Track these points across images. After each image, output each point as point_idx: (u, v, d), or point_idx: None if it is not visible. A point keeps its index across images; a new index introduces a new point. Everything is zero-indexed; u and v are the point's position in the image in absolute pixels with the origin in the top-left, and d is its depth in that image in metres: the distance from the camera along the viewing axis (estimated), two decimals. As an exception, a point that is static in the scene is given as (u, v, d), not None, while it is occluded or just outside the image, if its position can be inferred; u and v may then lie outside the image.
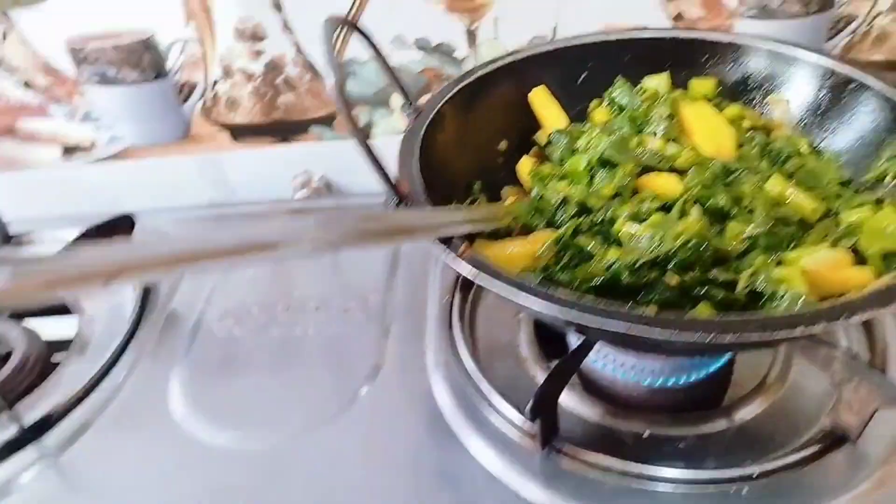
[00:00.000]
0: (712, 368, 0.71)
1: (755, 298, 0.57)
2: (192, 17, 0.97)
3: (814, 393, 0.69)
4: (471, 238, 0.65)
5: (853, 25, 0.99)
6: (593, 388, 0.75)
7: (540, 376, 0.74)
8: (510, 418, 0.68)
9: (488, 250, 0.65)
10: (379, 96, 1.04)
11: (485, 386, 0.71)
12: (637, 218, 0.62)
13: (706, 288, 0.57)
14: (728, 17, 0.97)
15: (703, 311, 0.57)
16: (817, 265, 0.57)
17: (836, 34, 1.00)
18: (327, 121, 1.07)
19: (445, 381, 0.73)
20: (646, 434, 0.69)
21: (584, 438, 0.68)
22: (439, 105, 0.73)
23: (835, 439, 0.64)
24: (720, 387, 0.74)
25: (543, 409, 0.61)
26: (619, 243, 0.62)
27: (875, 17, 0.98)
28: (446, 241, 0.56)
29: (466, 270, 0.54)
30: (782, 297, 0.55)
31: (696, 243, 0.58)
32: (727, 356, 0.70)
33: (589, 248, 0.62)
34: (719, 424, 0.69)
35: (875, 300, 0.47)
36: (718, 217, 0.62)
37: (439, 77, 1.03)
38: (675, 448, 0.67)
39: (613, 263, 0.59)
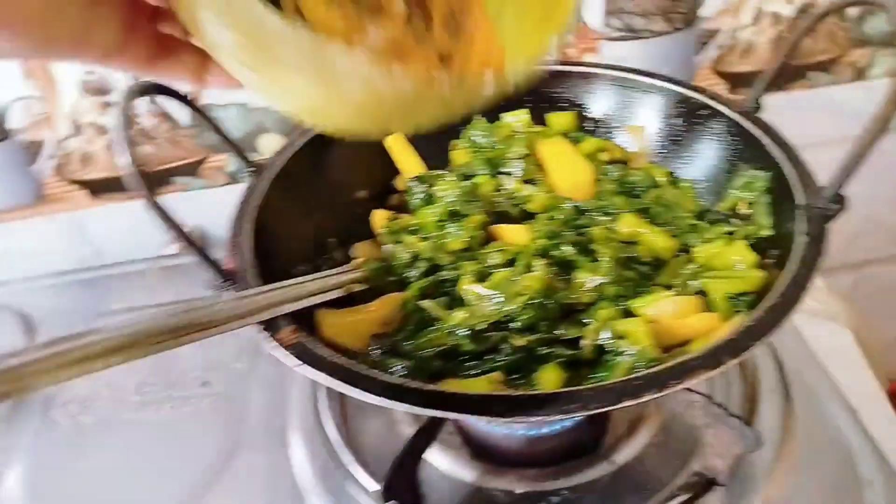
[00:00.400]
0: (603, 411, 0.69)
1: (603, 353, 0.55)
2: (31, 75, 0.90)
3: (687, 430, 0.67)
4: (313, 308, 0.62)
5: (719, 39, 0.99)
6: (472, 443, 0.71)
7: (412, 439, 0.70)
8: (373, 492, 0.64)
9: (332, 319, 0.61)
10: (245, 142, 0.99)
11: (347, 457, 0.67)
12: (482, 276, 0.58)
13: (551, 348, 0.55)
14: (594, 40, 0.96)
15: (548, 373, 0.54)
16: (661, 315, 0.54)
17: (704, 49, 1.00)
18: (192, 168, 1.01)
19: (307, 454, 0.69)
20: (519, 491, 0.66)
21: (454, 503, 0.65)
22: (281, 162, 0.68)
23: (705, 483, 0.62)
24: (600, 426, 0.72)
25: (398, 487, 0.57)
26: (465, 304, 0.58)
27: (739, 31, 0.98)
28: (269, 325, 0.52)
29: (287, 360, 0.50)
30: (624, 352, 0.53)
31: (538, 302, 0.55)
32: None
33: (433, 313, 0.58)
34: (599, 469, 0.67)
35: (702, 363, 0.45)
36: (565, 267, 0.60)
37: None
38: (549, 503, 0.64)
39: (456, 328, 0.56)
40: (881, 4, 0.52)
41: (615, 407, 0.44)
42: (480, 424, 0.69)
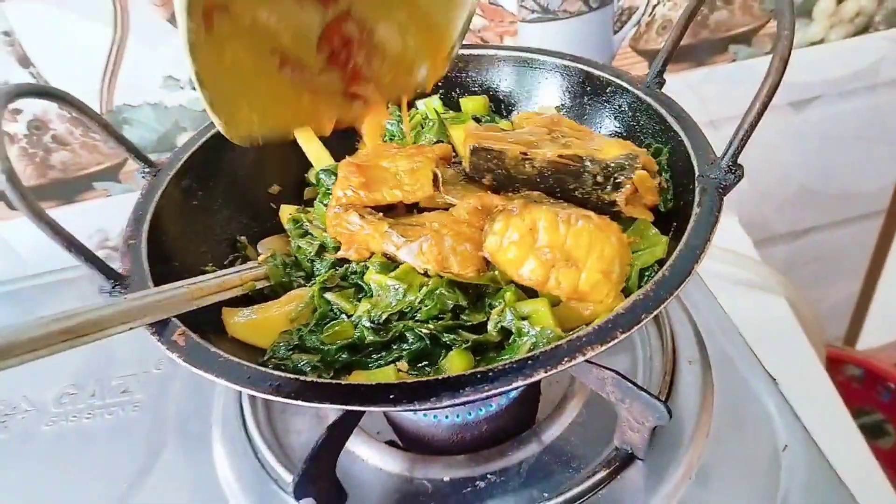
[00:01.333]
0: (512, 396, 0.69)
1: (508, 335, 0.55)
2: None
3: (608, 406, 0.68)
4: (220, 308, 0.61)
5: (636, 17, 0.99)
6: (401, 433, 0.71)
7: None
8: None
9: (237, 318, 0.60)
10: (164, 142, 0.96)
11: (269, 457, 0.66)
12: (388, 267, 0.58)
13: (456, 334, 0.54)
14: (511, 23, 0.95)
15: (455, 359, 0.53)
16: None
17: (622, 27, 1.00)
18: (111, 173, 0.98)
19: (231, 457, 0.68)
20: (446, 479, 0.65)
21: (382, 496, 0.64)
22: (181, 161, 0.66)
23: (625, 458, 0.63)
24: (530, 407, 0.72)
25: (312, 484, 0.56)
26: (371, 295, 0.58)
27: (655, 7, 0.99)
28: (159, 327, 0.50)
29: (179, 359, 0.48)
30: (528, 332, 0.52)
31: (441, 293, 0.54)
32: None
33: (339, 305, 0.57)
34: (526, 451, 0.67)
35: (595, 338, 0.45)
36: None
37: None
38: (475, 489, 0.64)
39: (360, 320, 0.55)
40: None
41: (508, 388, 0.44)
42: (407, 415, 0.68)
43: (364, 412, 0.62)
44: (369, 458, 0.67)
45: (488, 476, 0.65)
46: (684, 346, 0.71)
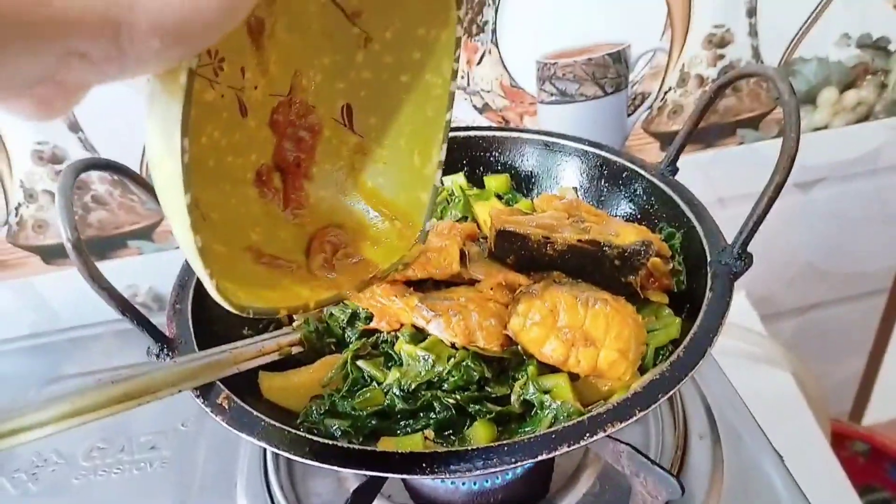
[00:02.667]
0: (527, 466, 0.71)
1: (530, 408, 0.58)
2: (-17, 146, 0.92)
3: (622, 477, 0.70)
4: (257, 371, 0.64)
5: (648, 101, 1.05)
6: (418, 498, 0.73)
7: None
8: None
9: (273, 382, 0.63)
10: (198, 205, 1.01)
11: (293, 518, 0.68)
12: (418, 338, 0.61)
13: (480, 405, 0.57)
14: (531, 104, 1.01)
15: (480, 429, 0.56)
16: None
17: (636, 110, 1.06)
18: (146, 232, 1.03)
19: (254, 513, 0.70)
20: (463, 547, 0.67)
21: (400, 562, 0.66)
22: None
23: (640, 530, 0.65)
24: (545, 476, 0.74)
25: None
26: (401, 364, 0.61)
27: (667, 93, 1.05)
28: (204, 390, 0.54)
29: (223, 423, 0.52)
30: (549, 406, 0.55)
31: (467, 365, 0.57)
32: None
33: (370, 372, 0.61)
34: (544, 520, 0.69)
35: (615, 416, 0.48)
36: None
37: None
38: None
39: (390, 388, 0.58)
40: (770, 77, 0.58)
41: (533, 460, 0.47)
42: (427, 480, 0.71)
43: (388, 478, 0.64)
44: (387, 524, 0.69)
45: (507, 545, 0.67)
46: (695, 421, 0.74)
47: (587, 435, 0.47)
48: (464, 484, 0.70)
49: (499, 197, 0.80)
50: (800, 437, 0.95)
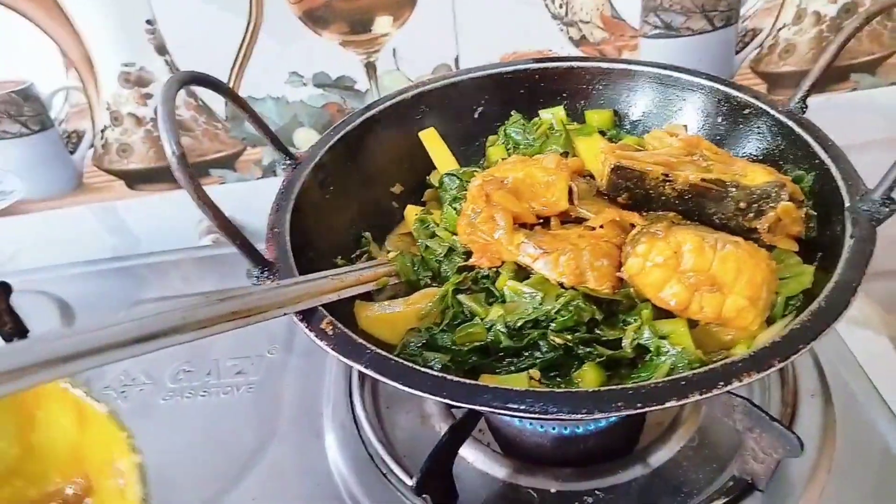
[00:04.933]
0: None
1: (643, 353, 0.54)
2: (71, 66, 0.91)
3: (725, 434, 0.66)
4: (350, 300, 0.62)
5: (759, 38, 0.97)
6: (502, 440, 0.71)
7: (445, 434, 0.70)
8: (406, 486, 0.64)
9: (369, 312, 0.61)
10: (282, 135, 0.99)
11: (380, 450, 0.67)
12: (519, 276, 0.58)
13: (590, 348, 0.54)
14: (632, 37, 0.95)
15: (588, 372, 0.53)
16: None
17: (744, 47, 0.98)
18: (228, 162, 1.02)
19: (341, 446, 0.69)
20: (553, 490, 0.65)
21: (488, 500, 0.65)
22: (319, 155, 0.68)
23: (744, 487, 0.61)
24: (635, 428, 0.71)
25: (431, 482, 0.57)
26: (503, 300, 0.58)
27: (780, 30, 0.97)
28: (307, 314, 0.52)
29: (327, 348, 0.50)
30: (667, 352, 0.52)
31: (578, 305, 0.54)
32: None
33: (471, 307, 0.58)
34: (634, 471, 0.66)
35: (751, 365, 0.44)
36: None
37: (342, 111, 0.99)
38: (583, 503, 0.64)
39: (494, 324, 0.56)
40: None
41: (661, 407, 0.44)
42: (514, 422, 0.68)
43: (482, 415, 0.62)
44: (475, 461, 0.68)
45: (597, 492, 0.64)
46: (806, 379, 0.69)
47: (720, 384, 0.44)
48: (553, 429, 0.67)
49: (602, 133, 0.75)
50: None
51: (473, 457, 0.68)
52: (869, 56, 1.02)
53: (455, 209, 0.66)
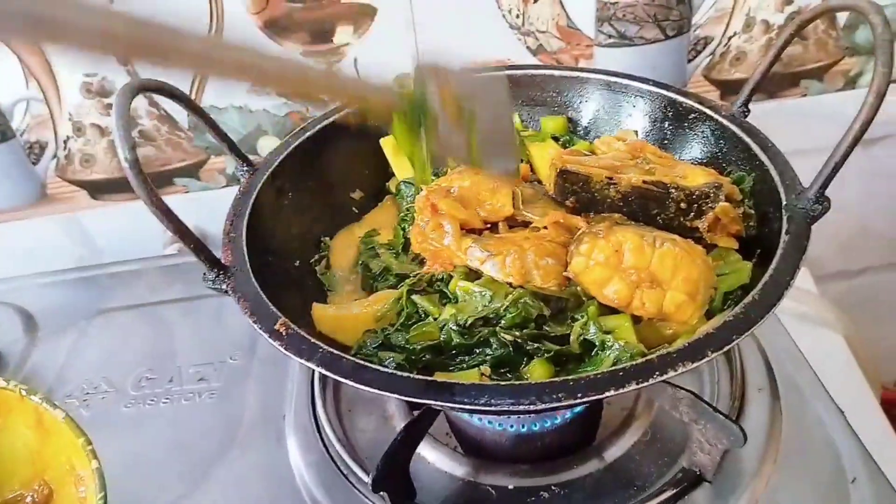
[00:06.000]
0: (577, 410, 0.70)
1: (590, 349, 0.56)
2: (32, 77, 0.92)
3: (676, 428, 0.68)
4: (308, 303, 0.63)
5: (711, 46, 1.00)
6: (464, 440, 0.72)
7: (404, 434, 0.71)
8: (367, 486, 0.65)
9: (326, 314, 0.62)
10: (245, 144, 1.00)
11: (342, 451, 0.68)
12: (471, 277, 0.60)
13: (539, 344, 0.56)
14: (587, 46, 0.97)
15: (536, 367, 0.55)
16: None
17: (697, 55, 1.01)
18: (192, 171, 1.02)
19: (303, 449, 0.70)
20: (511, 487, 0.67)
21: (447, 498, 0.66)
22: (276, 161, 0.70)
23: (693, 479, 0.63)
24: (591, 424, 0.73)
25: (388, 479, 0.58)
26: (456, 301, 0.60)
27: (731, 38, 1.00)
28: (260, 317, 0.53)
29: (281, 348, 0.51)
30: (612, 346, 0.54)
31: (525, 302, 0.56)
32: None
33: (425, 307, 0.59)
34: (589, 466, 0.68)
35: (687, 355, 0.46)
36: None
37: (305, 120, 1.00)
38: (539, 499, 0.65)
39: (446, 322, 0.57)
40: (861, 10, 0.54)
41: (600, 396, 0.45)
42: (473, 421, 0.70)
43: (439, 412, 0.64)
44: (435, 460, 0.69)
45: (553, 487, 0.66)
46: (754, 373, 0.72)
47: (657, 374, 0.46)
48: (511, 427, 0.69)
49: (555, 139, 0.77)
50: (853, 399, 0.93)
51: (434, 457, 0.69)
52: (816, 63, 1.05)
53: (403, 228, 0.68)
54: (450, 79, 0.52)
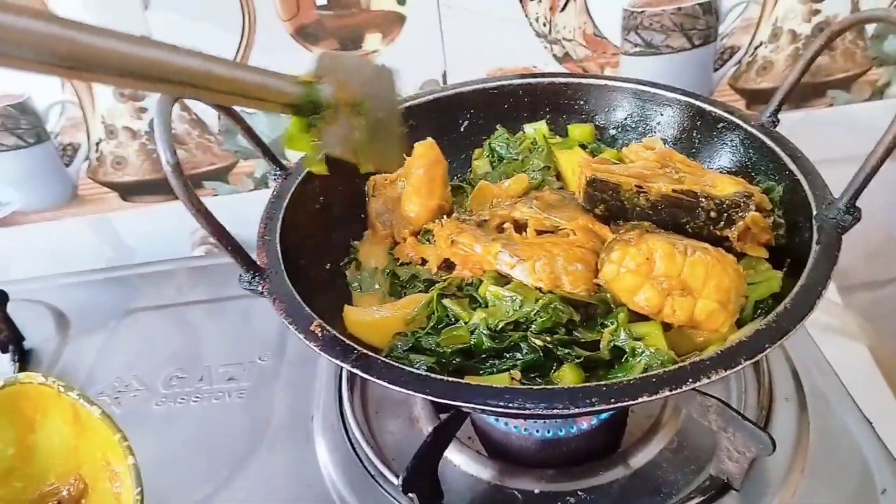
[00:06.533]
0: (603, 416, 0.70)
1: (619, 355, 0.56)
2: (67, 80, 0.94)
3: (703, 436, 0.68)
4: (337, 306, 0.64)
5: (737, 56, 1.01)
6: (489, 444, 0.73)
7: (431, 437, 0.72)
8: (394, 487, 0.66)
9: (357, 317, 0.63)
10: (273, 148, 1.01)
11: (369, 453, 0.69)
12: (501, 282, 0.60)
13: (569, 349, 0.56)
14: (613, 55, 0.98)
15: (566, 372, 0.56)
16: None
17: (723, 65, 1.01)
18: (221, 174, 1.04)
19: (331, 450, 0.71)
20: (537, 491, 0.67)
21: (473, 501, 0.66)
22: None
23: (720, 487, 0.63)
24: (616, 431, 0.73)
25: (417, 481, 0.59)
26: (486, 305, 0.60)
27: (757, 48, 1.00)
28: (296, 319, 0.54)
29: (317, 349, 0.52)
30: (642, 353, 0.54)
31: (555, 307, 0.56)
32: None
33: (455, 311, 0.60)
34: (615, 472, 0.68)
35: (719, 363, 0.47)
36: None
37: (333, 125, 1.01)
38: (565, 503, 0.65)
39: (477, 326, 0.58)
40: (892, 20, 0.54)
41: (633, 402, 0.46)
42: (499, 426, 0.70)
43: (468, 415, 0.64)
44: (461, 463, 0.69)
45: (579, 493, 0.66)
46: (781, 383, 0.72)
47: (689, 381, 0.46)
48: (537, 432, 0.69)
49: (583, 147, 0.78)
50: (880, 409, 0.92)
51: (460, 460, 0.70)
52: (844, 73, 1.05)
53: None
54: (348, 68, 0.50)
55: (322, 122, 0.47)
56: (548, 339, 0.56)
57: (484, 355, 0.58)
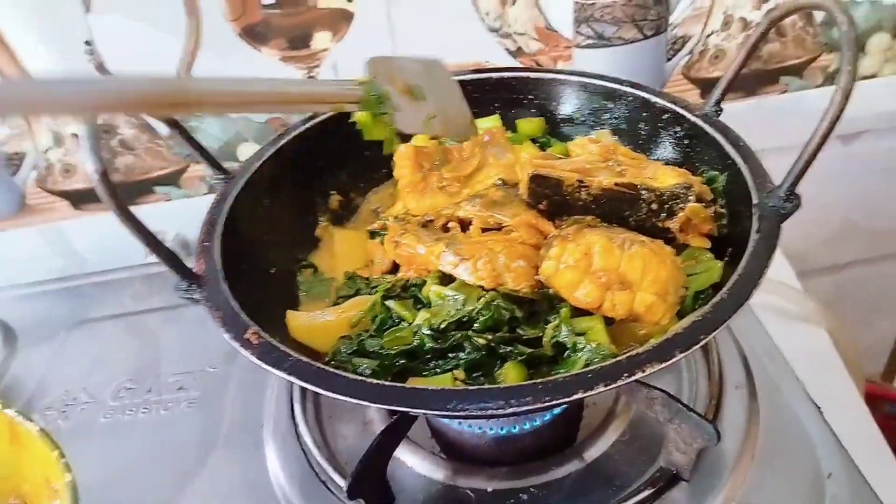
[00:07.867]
0: (556, 412, 0.70)
1: (563, 351, 0.56)
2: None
3: (654, 428, 0.68)
4: (283, 310, 0.63)
5: (689, 45, 1.01)
6: (444, 444, 0.72)
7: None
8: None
9: (301, 321, 0.62)
10: (225, 150, 1.00)
11: (321, 459, 0.68)
12: (445, 282, 0.60)
13: (512, 347, 0.56)
14: (566, 48, 0.97)
15: (510, 371, 0.55)
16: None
17: (675, 54, 1.01)
18: (173, 179, 1.02)
19: (282, 457, 0.70)
20: (490, 489, 0.67)
21: (426, 502, 0.66)
22: (253, 169, 0.69)
23: (670, 478, 0.64)
24: (573, 425, 0.73)
25: (364, 486, 0.58)
26: (430, 306, 0.60)
27: (709, 36, 1.00)
28: (231, 326, 0.53)
29: (252, 357, 0.51)
30: (583, 348, 0.54)
31: (498, 304, 0.56)
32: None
33: (399, 312, 0.59)
34: (568, 467, 0.68)
35: (654, 356, 0.46)
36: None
37: (286, 126, 1.00)
38: (518, 501, 0.65)
39: (420, 327, 0.57)
40: (826, 8, 0.54)
41: (568, 399, 0.45)
42: (452, 424, 0.70)
43: (416, 417, 0.64)
44: (414, 464, 0.69)
45: (531, 489, 0.66)
46: (731, 371, 0.72)
47: (625, 375, 0.46)
48: (490, 429, 0.69)
49: (533, 141, 0.77)
50: (834, 394, 0.93)
51: (413, 461, 0.69)
52: (796, 59, 1.06)
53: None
54: (396, 66, 0.59)
55: (390, 110, 0.56)
56: (490, 337, 0.56)
57: (428, 356, 0.57)
